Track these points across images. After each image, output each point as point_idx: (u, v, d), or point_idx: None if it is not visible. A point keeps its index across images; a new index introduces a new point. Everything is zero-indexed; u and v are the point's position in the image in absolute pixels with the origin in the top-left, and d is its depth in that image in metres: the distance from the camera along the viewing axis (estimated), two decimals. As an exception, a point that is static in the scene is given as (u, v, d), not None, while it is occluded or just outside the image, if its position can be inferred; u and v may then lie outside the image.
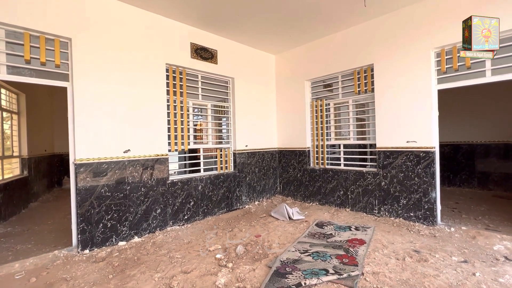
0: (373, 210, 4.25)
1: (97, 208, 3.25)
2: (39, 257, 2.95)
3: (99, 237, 3.26)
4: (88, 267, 2.76)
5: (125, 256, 3.02)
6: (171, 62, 4.08)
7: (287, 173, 5.68)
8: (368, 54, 4.33)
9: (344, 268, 2.50)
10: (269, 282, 2.28)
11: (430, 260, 2.65)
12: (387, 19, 4.11)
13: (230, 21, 4.27)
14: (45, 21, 2.99)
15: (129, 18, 3.64)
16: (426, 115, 3.72)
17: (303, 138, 5.34)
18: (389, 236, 3.35)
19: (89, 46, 3.26)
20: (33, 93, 6.03)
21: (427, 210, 3.70)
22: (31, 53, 2.97)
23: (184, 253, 3.05)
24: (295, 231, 3.65)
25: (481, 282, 2.26)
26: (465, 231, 3.38)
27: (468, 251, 2.87)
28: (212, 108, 4.92)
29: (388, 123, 4.11)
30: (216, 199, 4.62)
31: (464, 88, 3.60)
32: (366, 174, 4.35)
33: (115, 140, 3.45)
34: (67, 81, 3.21)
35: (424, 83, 3.74)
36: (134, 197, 3.57)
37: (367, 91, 4.43)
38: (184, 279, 2.44)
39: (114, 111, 3.45)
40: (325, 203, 4.96)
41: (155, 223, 3.77)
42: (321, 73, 5.03)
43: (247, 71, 5.30)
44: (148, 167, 3.73)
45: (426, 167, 3.71)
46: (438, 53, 3.70)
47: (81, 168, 3.16)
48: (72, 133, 3.19)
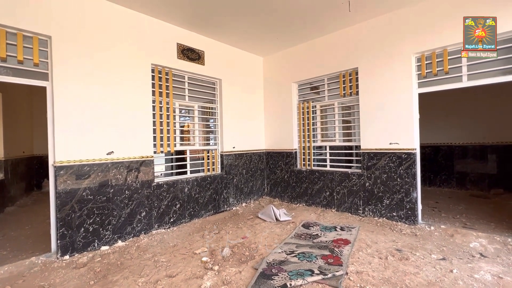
0: (358, 211, 4.35)
1: (78, 212, 3.14)
2: (14, 264, 2.82)
3: (80, 242, 3.15)
4: (68, 274, 2.66)
5: (108, 261, 2.93)
6: (156, 63, 4.02)
7: (275, 175, 5.71)
8: (353, 58, 4.43)
9: (329, 268, 2.54)
10: (255, 284, 2.29)
11: (411, 258, 2.74)
12: (371, 24, 4.23)
13: (218, 22, 4.26)
14: (23, 18, 2.87)
15: (113, 16, 3.55)
16: (408, 117, 3.86)
17: (290, 139, 5.40)
18: (373, 235, 3.44)
19: (70, 45, 3.16)
20: (10, 93, 5.76)
21: (408, 209, 3.83)
22: (7, 50, 2.84)
23: (170, 256, 3.00)
24: (282, 232, 3.68)
25: (458, 278, 2.36)
26: (444, 230, 3.51)
27: (446, 248, 2.99)
28: (199, 110, 4.88)
29: (372, 125, 4.22)
30: (203, 201, 4.58)
31: (443, 92, 3.76)
32: (351, 175, 4.44)
33: (97, 142, 3.35)
34: (47, 80, 3.09)
35: (405, 86, 3.87)
36: (118, 200, 3.48)
37: (352, 93, 4.53)
38: (169, 283, 2.40)
39: (96, 111, 3.35)
40: (311, 204, 5.02)
41: (139, 226, 3.68)
42: (308, 76, 5.10)
43: (234, 73, 5.29)
44: (133, 169, 3.65)
45: (408, 168, 3.84)
46: (418, 58, 3.85)
47: (61, 170, 3.04)
48: (52, 134, 3.07)
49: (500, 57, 3.15)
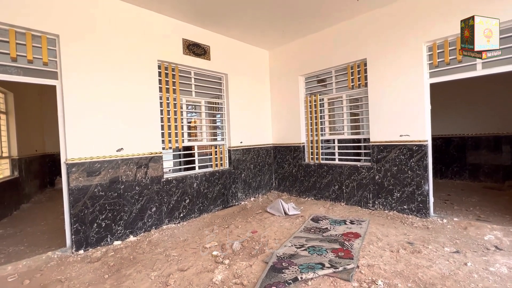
0: (368, 204, 4.30)
1: (90, 208, 3.21)
2: (32, 259, 2.91)
3: (94, 237, 3.22)
4: (83, 268, 2.73)
5: (121, 255, 3.00)
6: (163, 59, 4.02)
7: (282, 169, 5.70)
8: (361, 49, 4.33)
9: (340, 261, 2.53)
10: (265, 277, 2.30)
11: (423, 251, 2.71)
12: (380, 13, 4.11)
13: (223, 17, 4.21)
14: (31, 17, 2.89)
15: (119, 13, 3.56)
16: (419, 108, 3.76)
17: (298, 133, 5.35)
18: (384, 229, 3.40)
19: (77, 43, 3.18)
20: (21, 92, 5.88)
21: (420, 202, 3.77)
22: (17, 50, 2.88)
23: (180, 251, 3.04)
24: (291, 226, 3.68)
25: (473, 271, 2.31)
26: (457, 222, 3.45)
27: (460, 241, 2.93)
28: (206, 105, 4.88)
29: (381, 117, 4.14)
30: (212, 196, 4.61)
31: (455, 82, 3.64)
32: (361, 168, 4.39)
33: (107, 139, 3.40)
34: (56, 79, 3.13)
35: (416, 77, 3.77)
36: (129, 196, 3.54)
37: (361, 85, 4.45)
38: (181, 277, 2.44)
39: (105, 109, 3.39)
40: (320, 198, 5.00)
41: (150, 221, 3.74)
42: (315, 68, 5.02)
43: (240, 67, 5.25)
44: (142, 165, 3.69)
45: (419, 160, 3.76)
46: (430, 47, 3.72)
47: (73, 168, 3.10)
48: (63, 132, 3.12)
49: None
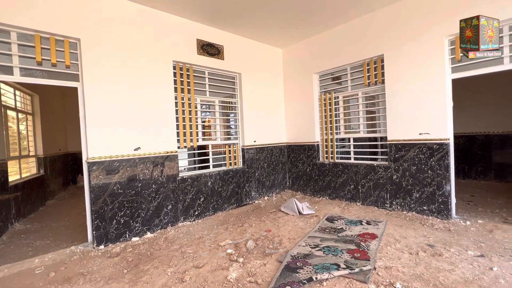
0: (385, 204, 4.18)
1: (110, 205, 3.33)
2: (57, 252, 3.06)
3: (113, 233, 3.34)
4: (103, 262, 2.84)
5: (139, 251, 3.09)
6: (178, 59, 4.09)
7: (296, 168, 5.65)
8: (378, 45, 4.20)
9: (356, 262, 2.48)
10: (280, 276, 2.29)
11: (444, 254, 2.60)
12: (397, 7, 3.97)
13: (236, 16, 4.23)
14: (53, 22, 3.03)
15: (135, 16, 3.66)
16: (440, 106, 3.60)
17: (312, 132, 5.29)
18: (402, 230, 3.29)
19: (97, 46, 3.30)
20: (45, 94, 6.19)
21: (441, 203, 3.61)
22: (42, 54, 3.03)
23: (196, 248, 3.09)
24: (305, 226, 3.64)
25: (499, 276, 2.19)
26: (481, 225, 3.28)
27: (484, 245, 2.79)
28: (220, 104, 4.92)
29: (399, 115, 4.00)
30: (226, 194, 4.65)
31: (480, 77, 3.45)
32: (377, 168, 4.27)
33: (125, 138, 3.51)
34: (78, 81, 3.27)
35: (437, 72, 3.61)
36: (146, 193, 3.64)
37: (377, 82, 4.32)
38: (196, 274, 2.48)
39: (123, 109, 3.50)
40: (335, 198, 4.92)
41: (166, 219, 3.83)
42: (329, 66, 4.93)
43: (254, 66, 5.25)
44: (158, 164, 3.79)
45: (440, 160, 3.61)
46: (452, 41, 3.55)
47: (93, 166, 3.23)
48: (84, 132, 3.26)
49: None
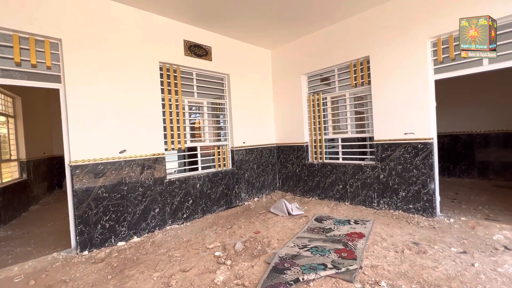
0: (372, 203, 4.24)
1: (94, 209, 3.25)
2: (38, 259, 2.96)
3: (98, 238, 3.26)
4: (87, 268, 2.76)
5: (124, 256, 3.02)
6: (164, 60, 4.04)
7: (286, 169, 5.67)
8: (364, 46, 4.27)
9: (343, 262, 2.49)
10: (267, 278, 2.28)
11: (429, 251, 2.65)
12: (382, 9, 4.04)
13: (224, 17, 4.21)
14: (33, 22, 2.94)
15: (120, 16, 3.59)
16: (424, 106, 3.68)
17: (301, 133, 5.31)
18: (388, 228, 3.34)
19: (79, 46, 3.22)
20: (28, 96, 6.00)
21: (426, 201, 3.69)
22: (21, 55, 2.93)
23: (183, 251, 3.05)
24: (294, 227, 3.65)
25: (480, 272, 2.25)
26: (464, 222, 3.36)
27: (467, 241, 2.86)
28: (208, 106, 4.89)
29: (385, 115, 4.07)
30: (215, 196, 4.61)
31: (462, 78, 3.54)
32: (365, 168, 4.33)
33: (110, 141, 3.43)
34: (59, 82, 3.18)
35: (420, 73, 3.69)
36: (132, 197, 3.57)
37: (364, 83, 4.38)
38: (183, 278, 2.44)
39: (108, 111, 3.42)
40: (324, 198, 4.95)
41: (153, 222, 3.76)
42: (318, 67, 4.98)
43: (242, 67, 5.24)
44: (145, 166, 3.72)
45: (425, 159, 3.68)
46: (434, 43, 3.64)
47: (76, 169, 3.14)
48: (66, 134, 3.17)
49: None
